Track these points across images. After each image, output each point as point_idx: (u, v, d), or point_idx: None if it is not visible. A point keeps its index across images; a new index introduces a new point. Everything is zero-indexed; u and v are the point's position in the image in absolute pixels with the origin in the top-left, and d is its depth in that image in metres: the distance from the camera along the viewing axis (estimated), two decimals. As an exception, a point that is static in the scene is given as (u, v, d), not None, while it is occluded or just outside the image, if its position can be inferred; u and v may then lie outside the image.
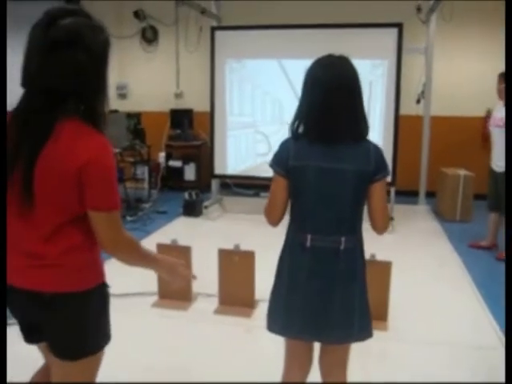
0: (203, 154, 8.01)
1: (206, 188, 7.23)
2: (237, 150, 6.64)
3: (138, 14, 8.24)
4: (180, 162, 8.05)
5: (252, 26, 6.30)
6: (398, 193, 6.32)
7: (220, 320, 3.53)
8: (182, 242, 3.71)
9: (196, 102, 8.12)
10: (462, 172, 6.54)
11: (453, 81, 7.47)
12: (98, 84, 1.58)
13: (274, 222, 2.01)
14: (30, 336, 1.75)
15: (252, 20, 6.64)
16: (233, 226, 6.01)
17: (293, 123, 1.94)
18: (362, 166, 1.86)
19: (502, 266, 4.74)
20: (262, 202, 7.50)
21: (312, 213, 1.91)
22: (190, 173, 8.08)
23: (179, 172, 8.03)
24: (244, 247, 3.65)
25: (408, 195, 7.07)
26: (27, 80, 1.54)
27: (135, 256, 1.68)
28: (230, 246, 3.65)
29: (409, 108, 6.82)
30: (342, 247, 1.90)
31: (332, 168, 1.86)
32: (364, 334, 2.01)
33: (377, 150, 1.91)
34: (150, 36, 8.45)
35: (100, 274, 1.68)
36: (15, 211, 1.55)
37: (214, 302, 3.71)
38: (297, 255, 1.94)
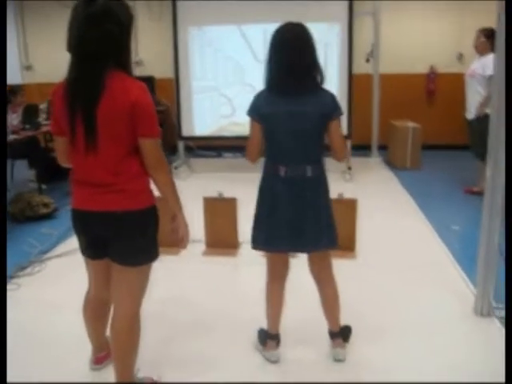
0: (166, 119, 8.31)
1: (171, 151, 7.59)
2: (202, 113, 7.00)
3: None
4: (144, 127, 8.31)
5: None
6: (353, 147, 6.85)
7: (209, 260, 3.99)
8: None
9: (156, 69, 8.35)
10: (411, 124, 7.15)
11: (399, 41, 8.02)
12: (126, 48, 2.02)
13: (253, 158, 2.51)
14: (98, 251, 2.17)
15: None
16: (202, 183, 6.37)
17: (265, 79, 2.43)
18: (321, 109, 2.36)
19: (446, 203, 5.38)
20: (225, 161, 7.96)
21: (283, 148, 2.42)
22: (154, 138, 8.36)
23: (144, 138, 8.29)
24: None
25: (362, 149, 7.64)
26: (72, 47, 1.95)
27: (171, 177, 2.10)
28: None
29: (359, 67, 7.29)
30: (308, 174, 2.41)
31: (297, 111, 2.36)
32: (331, 243, 2.54)
33: (332, 96, 2.42)
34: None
35: (153, 197, 2.12)
36: (82, 152, 1.99)
37: (201, 247, 4.14)
38: (274, 183, 2.45)
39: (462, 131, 6.01)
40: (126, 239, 2.07)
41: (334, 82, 6.53)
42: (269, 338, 2.69)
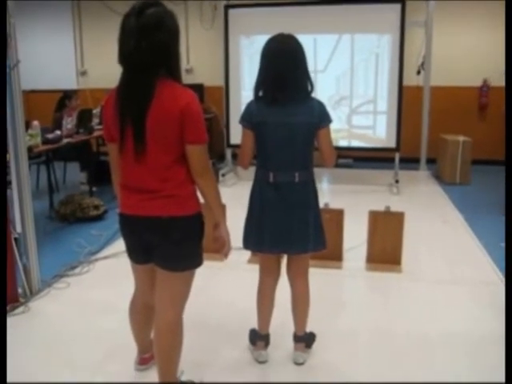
0: (214, 126, 8.44)
1: (218, 159, 7.68)
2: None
3: (147, -7, 8.55)
4: (192, 134, 8.42)
5: (263, 3, 6.68)
6: (401, 160, 6.78)
7: (253, 268, 3.99)
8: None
9: (206, 76, 8.51)
10: (461, 138, 7.00)
11: (451, 53, 7.90)
12: (176, 56, 2.05)
13: (244, 165, 2.59)
14: (143, 256, 2.20)
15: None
16: (249, 190, 6.43)
17: (255, 89, 2.49)
18: (309, 119, 2.44)
19: (495, 219, 5.25)
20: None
21: (273, 156, 2.49)
22: (202, 145, 8.48)
23: (192, 144, 8.42)
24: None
25: (410, 162, 7.54)
26: (125, 58, 1.98)
27: (215, 184, 2.14)
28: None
29: (409, 79, 7.21)
30: (296, 180, 2.48)
31: (286, 121, 2.43)
32: (318, 247, 2.61)
33: (320, 105, 2.48)
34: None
35: (199, 203, 2.14)
36: (131, 159, 2.02)
37: (246, 254, 4.16)
38: (264, 188, 2.53)
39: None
40: (171, 245, 2.09)
41: (383, 93, 6.48)
42: (258, 338, 2.76)
